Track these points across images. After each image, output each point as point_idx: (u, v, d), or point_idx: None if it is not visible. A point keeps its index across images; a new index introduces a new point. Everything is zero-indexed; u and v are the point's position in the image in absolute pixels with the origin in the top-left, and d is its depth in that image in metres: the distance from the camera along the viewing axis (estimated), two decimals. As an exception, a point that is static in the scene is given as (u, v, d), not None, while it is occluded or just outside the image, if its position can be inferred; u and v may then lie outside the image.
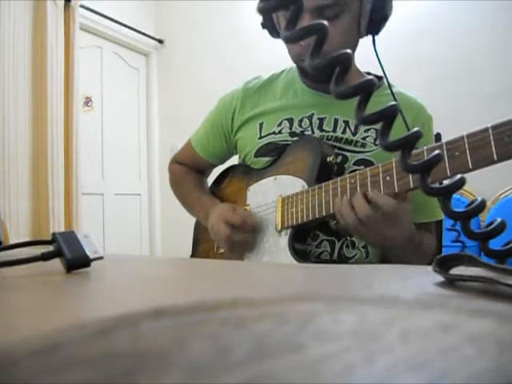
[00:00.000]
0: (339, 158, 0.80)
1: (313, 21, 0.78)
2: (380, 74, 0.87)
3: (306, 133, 0.83)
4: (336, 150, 0.81)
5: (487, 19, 2.16)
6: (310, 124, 0.84)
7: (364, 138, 0.81)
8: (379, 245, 0.73)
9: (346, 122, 0.82)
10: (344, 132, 0.82)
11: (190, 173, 1.04)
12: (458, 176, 0.29)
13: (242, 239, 0.81)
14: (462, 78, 2.21)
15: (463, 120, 1.87)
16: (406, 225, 0.67)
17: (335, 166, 0.79)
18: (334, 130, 0.82)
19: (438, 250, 0.89)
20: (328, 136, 0.82)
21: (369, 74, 0.91)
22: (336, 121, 0.83)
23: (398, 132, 0.27)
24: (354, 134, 0.82)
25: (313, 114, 0.84)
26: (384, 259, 0.83)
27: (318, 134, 0.82)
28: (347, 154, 0.81)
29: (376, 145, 0.81)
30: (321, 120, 0.83)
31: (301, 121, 0.84)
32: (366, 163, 0.79)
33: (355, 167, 0.79)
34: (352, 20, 0.76)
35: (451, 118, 2.00)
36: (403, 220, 0.66)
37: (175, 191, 1.07)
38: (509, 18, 2.11)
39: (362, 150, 0.81)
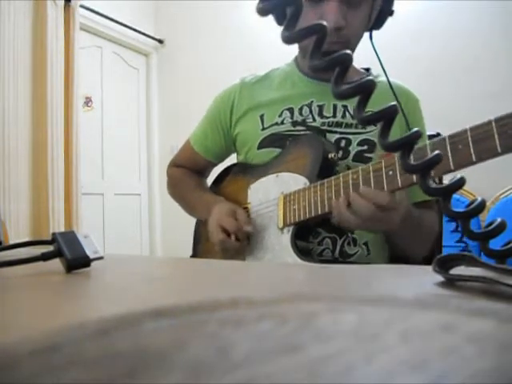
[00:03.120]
0: (343, 142, 0.82)
1: (339, 6, 0.80)
2: (369, 67, 0.90)
3: (308, 121, 0.84)
4: (338, 135, 0.82)
5: (487, 18, 2.17)
6: (310, 111, 0.85)
7: None
8: (382, 231, 0.74)
9: (345, 107, 0.84)
10: (344, 116, 0.83)
11: (189, 174, 1.04)
12: (458, 176, 0.29)
13: (234, 247, 0.80)
14: (462, 78, 2.22)
15: (463, 119, 1.87)
16: (401, 207, 0.67)
17: (338, 155, 0.80)
18: (334, 116, 0.84)
19: (440, 230, 0.89)
20: (329, 122, 0.83)
21: (367, 70, 0.92)
22: (335, 106, 0.84)
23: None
24: (353, 118, 0.83)
25: (312, 102, 0.85)
26: (392, 251, 0.84)
27: (318, 120, 0.83)
28: (350, 136, 0.82)
29: (375, 124, 0.82)
30: (320, 107, 0.85)
31: (301, 109, 0.85)
32: (369, 142, 0.81)
33: (359, 147, 0.81)
34: (367, 10, 0.80)
35: (451, 117, 2.00)
36: (397, 205, 0.66)
37: (174, 193, 1.06)
38: (509, 18, 2.11)
39: (362, 131, 0.82)
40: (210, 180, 1.05)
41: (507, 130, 0.51)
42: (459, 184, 0.28)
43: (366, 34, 0.84)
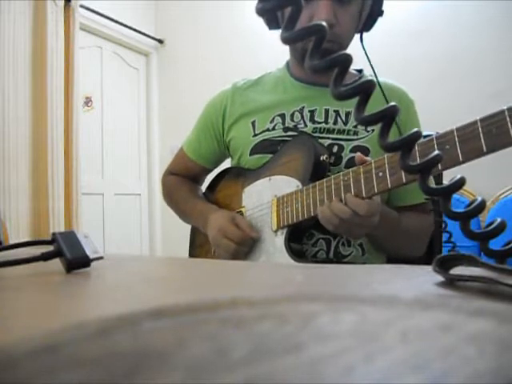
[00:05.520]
0: (335, 148, 0.82)
1: (330, 4, 0.83)
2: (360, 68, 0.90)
3: (299, 126, 0.84)
4: (330, 141, 0.82)
5: (486, 18, 2.16)
6: (302, 117, 0.84)
7: (355, 126, 0.83)
8: (361, 235, 0.76)
9: (337, 112, 0.84)
10: (335, 122, 0.83)
11: (183, 182, 1.03)
12: (458, 176, 0.29)
13: (246, 252, 0.82)
14: (461, 78, 2.22)
15: (463, 120, 1.87)
16: (378, 211, 0.70)
17: (330, 161, 0.80)
18: (326, 121, 0.83)
19: (440, 229, 0.89)
20: (321, 128, 0.83)
21: (359, 71, 0.92)
22: (327, 111, 0.84)
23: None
24: (345, 124, 0.83)
25: (303, 107, 0.85)
26: (389, 254, 0.85)
27: (310, 126, 0.83)
28: (342, 142, 0.82)
29: (367, 131, 0.83)
30: (312, 112, 0.84)
31: (292, 115, 0.85)
32: (362, 149, 0.81)
33: (352, 154, 0.81)
34: (357, 9, 0.81)
35: (451, 118, 2.00)
36: (375, 211, 0.69)
37: (169, 202, 1.05)
38: (510, 18, 2.11)
39: (355, 137, 0.82)
40: (204, 186, 1.05)
41: (492, 130, 0.52)
42: (459, 184, 0.28)
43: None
